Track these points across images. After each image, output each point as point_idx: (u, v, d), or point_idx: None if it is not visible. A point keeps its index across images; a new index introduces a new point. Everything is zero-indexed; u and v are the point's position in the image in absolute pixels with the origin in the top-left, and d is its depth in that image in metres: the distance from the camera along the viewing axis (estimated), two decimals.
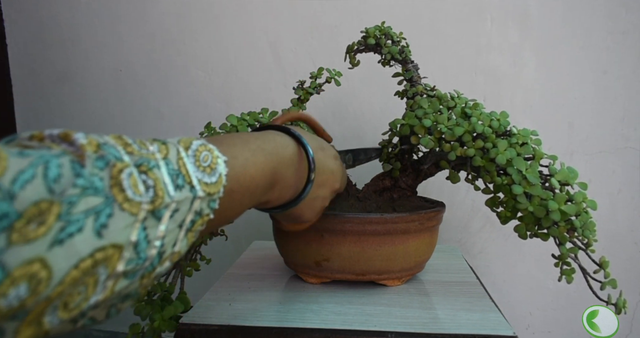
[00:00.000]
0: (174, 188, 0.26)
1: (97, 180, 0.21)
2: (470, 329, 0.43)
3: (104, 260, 0.22)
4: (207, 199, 0.28)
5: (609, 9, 0.77)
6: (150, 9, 0.88)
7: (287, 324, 0.45)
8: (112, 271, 0.22)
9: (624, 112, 0.79)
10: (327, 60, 0.83)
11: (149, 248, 0.24)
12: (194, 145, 0.29)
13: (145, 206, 0.24)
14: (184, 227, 0.27)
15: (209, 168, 0.29)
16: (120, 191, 0.22)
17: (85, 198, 0.21)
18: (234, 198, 0.32)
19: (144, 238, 0.24)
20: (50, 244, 0.19)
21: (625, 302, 0.45)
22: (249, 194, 0.33)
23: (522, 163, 0.46)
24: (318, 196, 0.43)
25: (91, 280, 0.21)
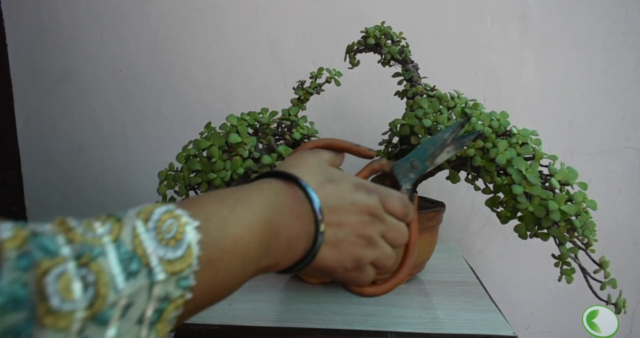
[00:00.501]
0: (124, 278, 0.21)
1: (18, 288, 0.18)
2: (470, 329, 0.43)
3: None
4: (173, 280, 0.23)
5: (609, 9, 0.77)
6: (151, 9, 0.88)
7: (287, 324, 0.45)
8: None
9: (624, 112, 0.79)
10: (327, 60, 0.84)
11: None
12: (155, 214, 0.24)
13: (80, 315, 0.19)
14: (145, 322, 0.22)
15: (173, 240, 0.24)
16: (42, 301, 0.18)
17: (3, 317, 0.17)
18: (218, 268, 0.26)
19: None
20: None
21: (625, 301, 0.45)
22: (239, 260, 0.27)
23: (522, 163, 0.46)
24: (342, 238, 0.34)
25: None
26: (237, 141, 0.50)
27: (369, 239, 0.35)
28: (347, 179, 0.36)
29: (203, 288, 0.25)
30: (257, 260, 0.29)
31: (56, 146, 0.94)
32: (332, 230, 0.33)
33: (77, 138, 0.93)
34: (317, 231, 0.32)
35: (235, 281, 0.28)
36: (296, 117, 0.58)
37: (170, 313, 0.23)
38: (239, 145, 0.50)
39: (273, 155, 0.52)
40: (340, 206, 0.34)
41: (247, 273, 0.29)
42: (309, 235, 0.32)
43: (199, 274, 0.25)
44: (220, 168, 0.48)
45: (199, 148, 0.51)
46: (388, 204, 0.36)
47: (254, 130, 0.55)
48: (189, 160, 0.50)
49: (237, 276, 0.28)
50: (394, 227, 0.36)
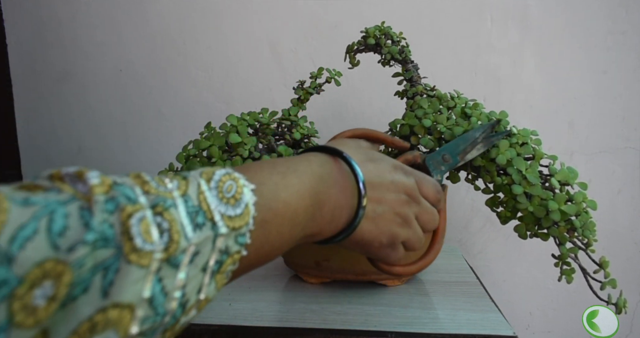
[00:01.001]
0: (192, 229, 0.23)
1: (107, 228, 0.19)
2: (470, 329, 0.43)
3: (111, 323, 0.19)
4: (232, 235, 0.25)
5: (609, 9, 0.77)
6: (151, 9, 0.88)
7: (287, 324, 0.45)
8: (124, 335, 0.20)
9: (624, 112, 0.79)
10: (327, 60, 0.83)
11: (167, 301, 0.21)
12: (216, 175, 0.26)
13: (158, 256, 0.21)
14: (208, 270, 0.24)
15: (233, 199, 0.25)
16: (127, 240, 0.20)
17: (94, 252, 0.19)
18: (269, 230, 0.28)
19: (160, 291, 0.21)
20: (54, 312, 0.17)
21: (625, 301, 0.45)
22: (288, 223, 0.29)
23: (522, 163, 0.46)
24: (380, 214, 0.35)
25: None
26: (237, 141, 0.50)
27: (405, 218, 0.37)
28: (387, 160, 0.38)
29: (256, 247, 0.27)
30: (304, 226, 0.31)
31: (56, 146, 0.94)
32: (372, 205, 0.35)
33: (77, 138, 0.93)
34: (359, 205, 0.33)
35: (283, 244, 0.29)
36: (296, 117, 0.58)
37: (228, 267, 0.25)
38: (239, 145, 0.50)
39: (273, 155, 0.52)
40: (380, 183, 0.35)
41: (294, 237, 0.30)
42: (352, 208, 0.34)
43: (254, 233, 0.26)
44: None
45: (199, 148, 0.51)
46: (423, 188, 0.38)
47: (254, 130, 0.55)
48: (189, 160, 0.50)
49: (285, 239, 0.29)
50: (428, 210, 0.38)
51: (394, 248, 0.37)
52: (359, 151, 0.37)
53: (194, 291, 0.23)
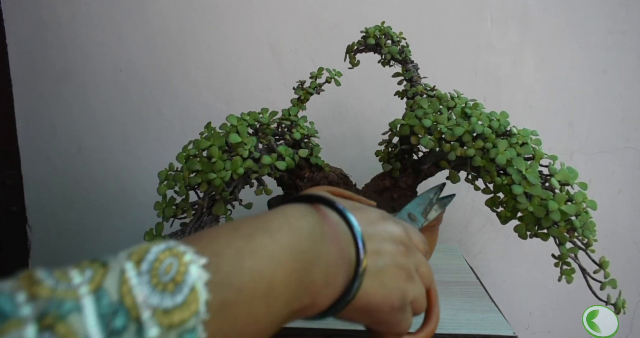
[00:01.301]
0: (105, 334, 0.17)
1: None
2: (470, 329, 0.43)
3: None
4: (173, 335, 0.18)
5: (609, 9, 0.77)
6: (150, 9, 0.88)
7: (287, 324, 0.45)
8: None
9: (624, 112, 0.79)
10: (327, 60, 0.83)
11: None
12: (151, 254, 0.20)
13: None
14: None
15: (172, 283, 0.19)
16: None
17: None
18: (235, 314, 0.21)
19: None
20: None
21: (624, 301, 0.45)
22: (262, 300, 0.22)
23: (522, 163, 0.46)
24: (383, 268, 0.29)
25: None
26: (237, 141, 0.50)
27: (408, 271, 0.31)
28: (371, 208, 0.33)
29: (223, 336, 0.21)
30: (287, 300, 0.24)
31: (56, 146, 0.94)
32: (371, 258, 0.29)
33: (77, 138, 0.93)
34: (358, 258, 0.27)
35: (260, 329, 0.23)
36: (296, 117, 0.58)
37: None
38: (239, 145, 0.50)
39: (273, 155, 0.52)
40: (375, 233, 0.30)
41: (276, 317, 0.23)
42: (349, 263, 0.27)
43: (211, 324, 0.20)
44: (220, 168, 0.48)
45: (199, 148, 0.51)
46: (413, 238, 0.34)
47: (254, 130, 0.55)
48: (189, 160, 0.50)
49: (262, 323, 0.22)
50: (423, 261, 0.34)
51: (405, 310, 0.31)
52: (338, 199, 0.30)
53: None
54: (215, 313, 0.20)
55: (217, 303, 0.20)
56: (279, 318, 0.24)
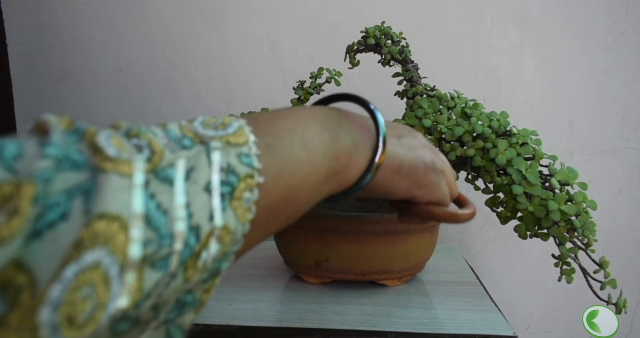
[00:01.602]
0: (179, 148, 0.20)
1: (73, 152, 0.17)
2: (470, 329, 0.43)
3: (100, 237, 0.16)
4: (233, 153, 0.21)
5: (609, 9, 0.77)
6: (150, 9, 0.88)
7: (287, 324, 0.45)
8: (123, 259, 0.16)
9: (624, 112, 0.79)
10: (327, 60, 0.83)
11: (169, 221, 0.18)
12: (199, 118, 0.23)
13: (139, 165, 0.18)
14: (214, 192, 0.20)
15: (222, 126, 0.23)
16: (97, 152, 0.17)
17: (62, 173, 0.16)
18: (280, 155, 0.24)
19: (157, 209, 0.17)
20: (26, 239, 0.14)
21: (625, 301, 0.45)
22: (301, 148, 0.25)
23: (522, 163, 0.46)
24: (408, 141, 0.32)
25: (96, 276, 0.16)
26: None
27: (432, 150, 0.34)
28: None
29: (273, 175, 0.23)
30: (324, 153, 0.26)
31: None
32: (392, 133, 0.32)
33: None
34: (377, 124, 0.30)
35: (304, 176, 0.25)
36: None
37: (243, 193, 0.21)
38: None
39: None
40: (397, 127, 0.34)
41: (318, 169, 0.26)
42: (371, 130, 0.30)
43: (263, 158, 0.23)
44: None
45: None
46: (440, 155, 0.36)
47: None
48: None
49: (304, 166, 0.25)
50: (448, 165, 0.36)
51: (439, 174, 0.33)
52: None
53: (203, 215, 0.19)
54: (263, 151, 0.23)
55: (263, 145, 0.23)
56: (321, 171, 0.26)
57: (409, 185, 0.32)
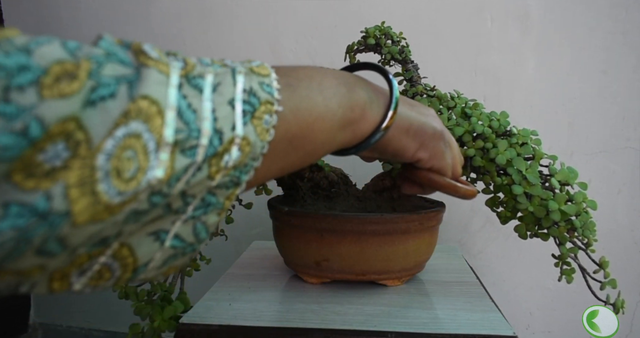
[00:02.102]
0: (208, 64, 0.24)
1: (120, 52, 0.20)
2: (470, 329, 0.43)
3: (142, 113, 0.19)
4: (255, 80, 0.24)
5: (609, 9, 0.77)
6: (151, 9, 0.88)
7: (287, 324, 0.45)
8: (159, 138, 0.20)
9: (624, 112, 0.79)
10: (327, 60, 0.83)
11: (198, 119, 0.21)
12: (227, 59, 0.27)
13: (175, 68, 0.21)
14: (237, 107, 0.23)
15: (247, 61, 0.26)
16: (141, 54, 0.21)
17: (111, 64, 0.19)
18: (299, 94, 0.27)
19: (187, 107, 0.21)
20: (83, 104, 0.17)
21: (623, 302, 0.45)
22: (318, 92, 0.28)
23: (522, 163, 0.46)
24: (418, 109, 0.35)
25: (138, 145, 0.19)
26: None
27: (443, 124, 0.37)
28: None
29: (291, 108, 0.26)
30: (339, 101, 0.29)
31: None
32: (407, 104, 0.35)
33: None
34: (391, 87, 0.33)
35: (320, 115, 0.27)
36: None
37: (264, 114, 0.24)
38: None
39: None
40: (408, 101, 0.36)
41: (334, 113, 0.28)
42: (385, 93, 0.33)
43: (282, 92, 0.26)
44: None
45: None
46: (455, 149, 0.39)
47: None
48: None
49: (320, 107, 0.28)
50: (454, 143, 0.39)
51: (446, 145, 0.36)
52: None
53: (227, 123, 0.22)
54: (283, 87, 0.26)
55: (283, 82, 0.26)
56: (336, 116, 0.29)
57: (416, 147, 0.34)
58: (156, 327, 0.47)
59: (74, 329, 1.04)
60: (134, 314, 0.48)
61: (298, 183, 0.58)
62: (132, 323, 0.49)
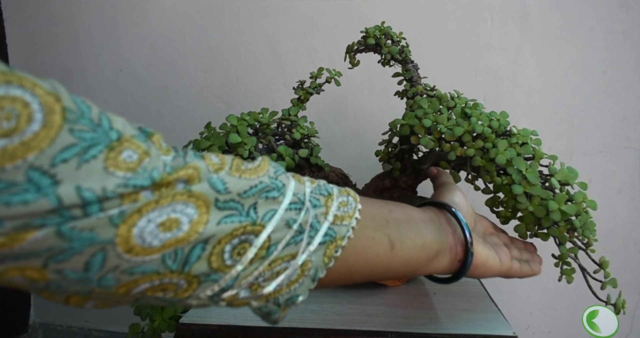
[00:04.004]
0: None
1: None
2: (470, 329, 0.43)
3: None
4: (344, 220, 0.28)
5: (609, 9, 0.77)
6: (150, 9, 0.88)
7: (287, 324, 0.45)
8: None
9: (624, 112, 0.79)
10: (327, 60, 0.84)
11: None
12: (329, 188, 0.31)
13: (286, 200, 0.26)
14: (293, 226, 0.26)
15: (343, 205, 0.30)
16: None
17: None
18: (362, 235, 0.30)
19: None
20: None
21: (624, 302, 0.45)
22: (411, 226, 0.33)
23: (522, 163, 0.46)
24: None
25: None
26: (237, 141, 0.50)
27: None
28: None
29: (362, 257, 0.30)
30: (427, 240, 0.34)
31: None
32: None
33: None
34: (465, 236, 0.37)
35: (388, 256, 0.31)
36: (296, 117, 0.58)
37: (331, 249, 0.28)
38: (239, 145, 0.50)
39: (273, 155, 0.52)
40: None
41: (419, 241, 0.33)
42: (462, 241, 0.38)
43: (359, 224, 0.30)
44: None
45: (199, 148, 0.51)
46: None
47: (254, 130, 0.55)
48: None
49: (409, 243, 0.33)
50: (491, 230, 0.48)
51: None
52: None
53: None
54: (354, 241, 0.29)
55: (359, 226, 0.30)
56: (420, 243, 0.33)
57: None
58: (156, 327, 0.47)
59: (74, 329, 1.04)
60: (134, 314, 0.48)
61: None
62: (132, 323, 0.49)
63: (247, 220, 0.23)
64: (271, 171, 0.26)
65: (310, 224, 0.26)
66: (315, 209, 0.27)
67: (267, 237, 0.24)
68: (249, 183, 0.24)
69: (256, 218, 0.24)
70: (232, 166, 0.24)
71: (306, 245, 0.26)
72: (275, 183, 0.26)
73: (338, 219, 0.28)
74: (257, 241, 0.24)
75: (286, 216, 0.25)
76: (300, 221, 0.26)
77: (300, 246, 0.26)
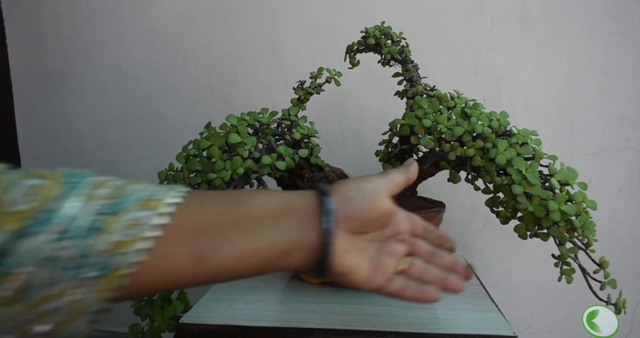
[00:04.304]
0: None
1: None
2: (470, 329, 0.43)
3: None
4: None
5: (609, 9, 0.77)
6: (150, 9, 0.88)
7: (287, 324, 0.45)
8: None
9: (624, 112, 0.79)
10: (327, 60, 0.83)
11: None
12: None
13: None
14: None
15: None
16: None
17: None
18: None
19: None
20: None
21: (624, 302, 0.45)
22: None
23: (522, 163, 0.46)
24: None
25: None
26: (237, 141, 0.50)
27: None
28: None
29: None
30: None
31: (56, 146, 0.94)
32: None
33: (77, 139, 0.93)
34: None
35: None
36: (296, 117, 0.58)
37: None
38: (239, 145, 0.50)
39: (273, 155, 0.52)
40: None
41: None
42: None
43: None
44: (220, 168, 0.48)
45: (199, 148, 0.51)
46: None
47: (254, 130, 0.55)
48: (189, 160, 0.50)
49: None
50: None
51: None
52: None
53: None
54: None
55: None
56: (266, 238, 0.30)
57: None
58: (156, 327, 0.47)
59: None
60: (134, 314, 0.48)
61: (298, 183, 0.58)
62: (132, 323, 0.49)
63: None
64: (53, 193, 0.25)
65: (79, 257, 0.24)
66: (89, 238, 0.25)
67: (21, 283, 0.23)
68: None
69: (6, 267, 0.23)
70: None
71: (73, 282, 0.24)
72: (39, 217, 0.24)
73: (121, 246, 0.25)
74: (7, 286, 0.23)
75: (45, 253, 0.23)
76: (64, 257, 0.24)
77: (65, 285, 0.24)
